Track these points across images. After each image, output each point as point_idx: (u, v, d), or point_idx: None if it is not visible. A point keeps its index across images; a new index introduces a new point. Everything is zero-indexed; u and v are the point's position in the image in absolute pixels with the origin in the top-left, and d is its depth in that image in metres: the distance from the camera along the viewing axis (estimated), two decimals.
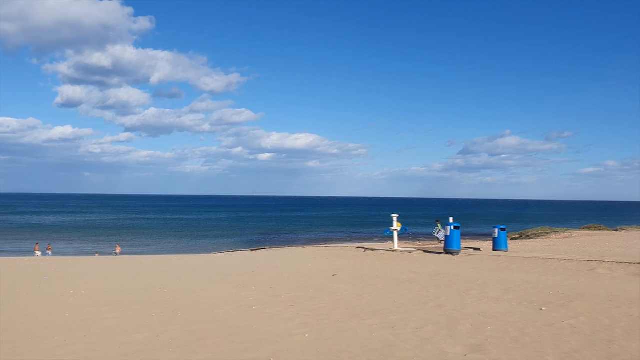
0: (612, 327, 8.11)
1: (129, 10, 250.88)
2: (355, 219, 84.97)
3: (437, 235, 27.17)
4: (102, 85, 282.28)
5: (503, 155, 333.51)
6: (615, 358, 6.56)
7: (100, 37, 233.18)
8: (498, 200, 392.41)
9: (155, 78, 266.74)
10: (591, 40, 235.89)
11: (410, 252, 21.75)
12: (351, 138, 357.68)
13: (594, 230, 42.78)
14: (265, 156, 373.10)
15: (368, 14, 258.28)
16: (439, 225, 27.82)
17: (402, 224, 24.38)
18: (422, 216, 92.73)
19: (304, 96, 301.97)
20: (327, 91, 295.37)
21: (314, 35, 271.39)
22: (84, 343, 7.44)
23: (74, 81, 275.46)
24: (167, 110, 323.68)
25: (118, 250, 33.55)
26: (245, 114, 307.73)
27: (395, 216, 23.25)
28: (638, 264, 15.70)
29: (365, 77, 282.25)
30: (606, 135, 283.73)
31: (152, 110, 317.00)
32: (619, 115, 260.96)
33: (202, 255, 26.85)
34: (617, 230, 42.47)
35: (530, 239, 35.85)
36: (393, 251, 21.99)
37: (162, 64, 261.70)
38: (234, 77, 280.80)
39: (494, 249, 21.39)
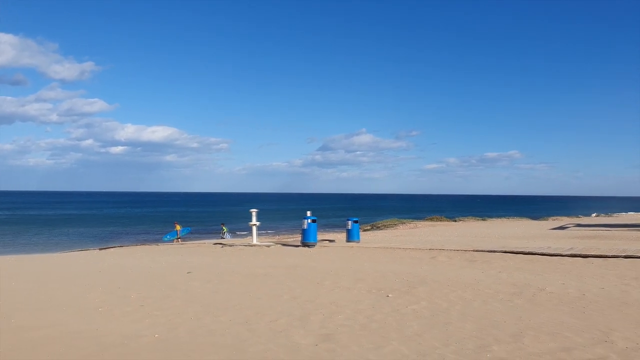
0: (449, 310, 8.86)
1: None
2: (214, 214, 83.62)
3: (223, 237, 29.52)
4: None
5: (358, 152, 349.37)
6: (451, 338, 7.16)
7: None
8: (353, 194, 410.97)
9: None
10: (434, 41, 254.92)
11: (268, 246, 21.91)
12: (212, 132, 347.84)
13: (436, 221, 46.71)
14: (118, 149, 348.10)
15: (234, 7, 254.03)
16: (224, 228, 33.72)
17: (261, 218, 24.49)
18: (282, 210, 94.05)
19: (162, 88, 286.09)
20: (187, 84, 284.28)
21: (173, 27, 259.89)
22: None
23: None
24: (9, 98, 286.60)
25: None
26: (98, 105, 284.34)
27: (254, 211, 23.26)
28: (472, 252, 17.36)
29: (228, 72, 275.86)
30: (448, 134, 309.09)
31: None
32: (460, 116, 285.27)
33: (43, 255, 24.61)
34: (455, 221, 46.70)
35: (380, 230, 37.98)
36: (251, 246, 21.99)
37: (5, 47, 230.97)
38: (88, 66, 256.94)
39: (348, 240, 22.32)
